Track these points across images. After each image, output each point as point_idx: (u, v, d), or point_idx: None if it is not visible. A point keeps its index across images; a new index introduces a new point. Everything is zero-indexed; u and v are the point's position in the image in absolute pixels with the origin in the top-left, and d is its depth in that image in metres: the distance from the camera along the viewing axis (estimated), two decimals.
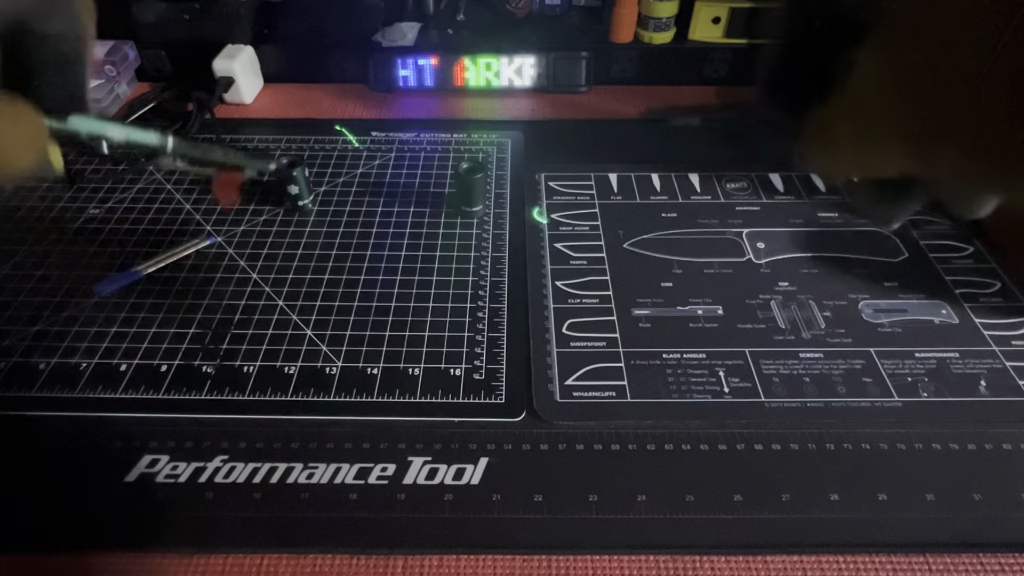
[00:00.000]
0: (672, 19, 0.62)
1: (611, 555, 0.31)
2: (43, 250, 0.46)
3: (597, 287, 0.43)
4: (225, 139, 0.57)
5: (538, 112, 0.62)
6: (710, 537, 0.31)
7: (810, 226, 0.48)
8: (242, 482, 0.33)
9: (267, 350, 0.39)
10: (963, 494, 0.33)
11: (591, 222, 0.49)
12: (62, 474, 0.33)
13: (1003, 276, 0.44)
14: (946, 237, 0.47)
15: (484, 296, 0.43)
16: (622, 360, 0.39)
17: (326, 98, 0.64)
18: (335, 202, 0.51)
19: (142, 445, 0.35)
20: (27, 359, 0.39)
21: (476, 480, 0.33)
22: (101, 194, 0.51)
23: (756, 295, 0.43)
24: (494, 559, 0.31)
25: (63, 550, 0.31)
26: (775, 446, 0.35)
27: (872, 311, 0.42)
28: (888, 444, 0.35)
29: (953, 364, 0.38)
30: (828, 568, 0.30)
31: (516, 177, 0.53)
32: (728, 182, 0.52)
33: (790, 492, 0.33)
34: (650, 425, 0.35)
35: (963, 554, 0.31)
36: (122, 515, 0.32)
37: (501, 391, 0.37)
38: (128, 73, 0.63)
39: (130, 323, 0.41)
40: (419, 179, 0.53)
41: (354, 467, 0.34)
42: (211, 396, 0.37)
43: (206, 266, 0.45)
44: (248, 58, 0.62)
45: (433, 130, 0.59)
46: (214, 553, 0.31)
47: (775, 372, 0.38)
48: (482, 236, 0.47)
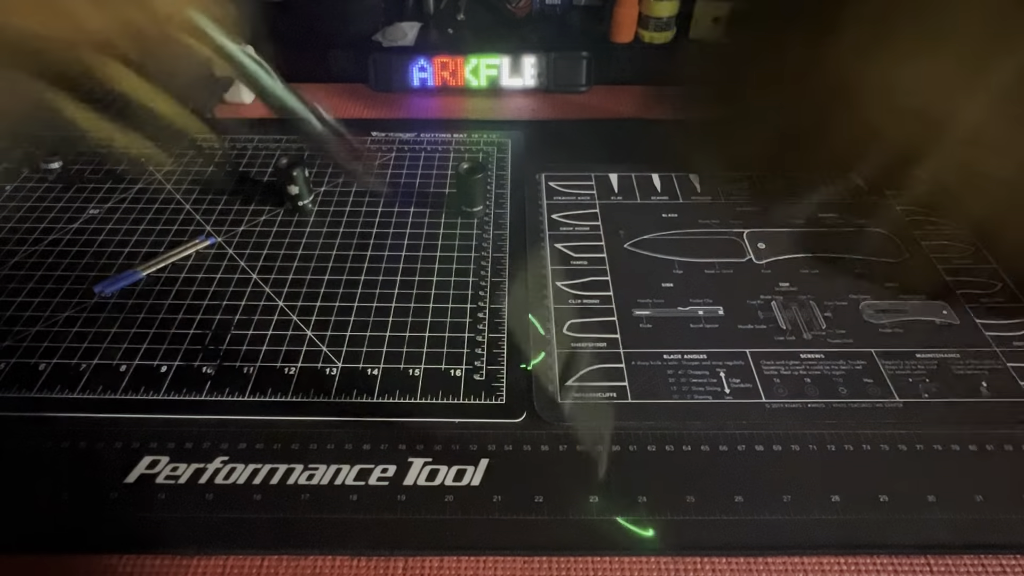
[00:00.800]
0: (672, 19, 0.62)
1: (612, 556, 0.31)
2: (42, 250, 0.46)
3: (598, 287, 0.43)
4: (225, 139, 0.57)
5: (538, 112, 0.62)
6: (711, 538, 0.31)
7: (811, 226, 0.48)
8: (242, 483, 0.33)
9: (267, 351, 0.39)
10: (965, 495, 0.32)
11: (591, 222, 0.49)
12: (62, 475, 0.33)
13: (1004, 276, 0.44)
14: (947, 237, 0.47)
15: (484, 296, 0.43)
16: (623, 361, 0.39)
17: (326, 98, 0.64)
18: (335, 202, 0.51)
19: (142, 446, 0.35)
20: (27, 359, 0.39)
21: (477, 481, 0.33)
22: (101, 194, 0.51)
23: (757, 295, 0.43)
24: (495, 560, 0.31)
25: (63, 551, 0.31)
26: (776, 447, 0.35)
27: (873, 311, 0.42)
28: (889, 445, 0.35)
29: (954, 365, 0.38)
30: (829, 569, 0.30)
31: (516, 177, 0.53)
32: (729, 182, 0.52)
33: (791, 493, 0.33)
34: (651, 426, 0.35)
35: (965, 555, 0.31)
36: (122, 516, 0.32)
37: (502, 392, 0.37)
38: None
39: (130, 323, 0.41)
40: (419, 179, 0.53)
41: (354, 468, 0.34)
42: (211, 397, 0.37)
43: (206, 266, 0.45)
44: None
45: (433, 130, 0.59)
46: (214, 554, 0.31)
47: (776, 373, 0.38)
48: (482, 236, 0.47)
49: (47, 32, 0.27)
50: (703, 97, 0.29)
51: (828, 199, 0.49)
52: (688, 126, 0.29)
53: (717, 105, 0.27)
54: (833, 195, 0.48)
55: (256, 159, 0.55)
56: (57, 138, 0.55)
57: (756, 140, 0.32)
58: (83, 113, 0.32)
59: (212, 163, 0.54)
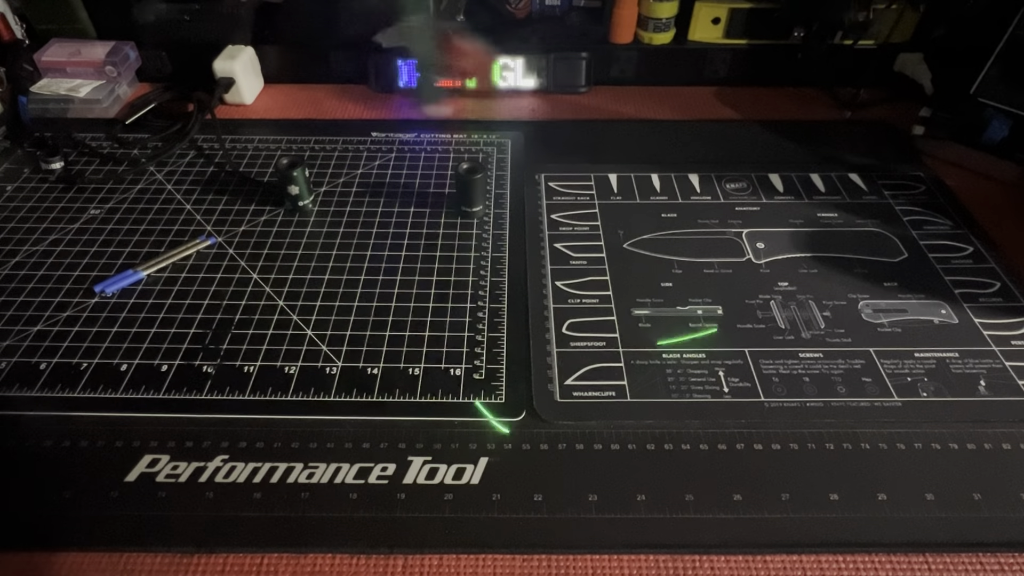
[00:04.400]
0: (672, 20, 0.62)
1: (611, 555, 0.31)
2: (43, 250, 0.46)
3: (597, 287, 0.43)
4: (225, 139, 0.57)
5: (538, 112, 0.62)
6: (710, 537, 0.31)
7: (810, 226, 0.48)
8: (242, 482, 0.33)
9: (267, 350, 0.39)
10: (963, 494, 0.33)
11: (591, 222, 0.49)
12: (63, 474, 0.33)
13: (1002, 276, 0.44)
14: (946, 237, 0.47)
15: (484, 296, 0.43)
16: (622, 360, 0.39)
17: (326, 98, 0.64)
18: (335, 202, 0.51)
19: (142, 445, 0.35)
20: (27, 359, 0.39)
21: (476, 480, 0.33)
22: (101, 194, 0.51)
23: (756, 295, 0.43)
24: (494, 558, 0.31)
25: (64, 549, 0.31)
26: (775, 446, 0.35)
27: (872, 311, 0.42)
28: (887, 444, 0.35)
29: (952, 364, 0.39)
30: (828, 568, 0.30)
31: (516, 177, 0.53)
32: (728, 182, 0.52)
33: (790, 492, 0.33)
34: (650, 425, 0.36)
35: (962, 553, 0.31)
36: (123, 514, 0.32)
37: (501, 391, 0.37)
38: (129, 74, 0.63)
39: (130, 323, 0.41)
40: (419, 179, 0.53)
41: (354, 467, 0.34)
42: (211, 396, 0.37)
43: (206, 266, 0.45)
44: (248, 59, 0.62)
45: (433, 130, 0.59)
46: (214, 552, 0.31)
47: (775, 372, 0.38)
48: (482, 236, 0.47)
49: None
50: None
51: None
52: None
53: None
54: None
55: (256, 159, 0.55)
56: (58, 138, 0.55)
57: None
58: None
59: (212, 163, 0.55)
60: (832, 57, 0.62)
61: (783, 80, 0.65)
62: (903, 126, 0.58)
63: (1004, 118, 0.51)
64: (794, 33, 0.62)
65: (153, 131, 0.58)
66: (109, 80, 0.61)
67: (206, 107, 0.58)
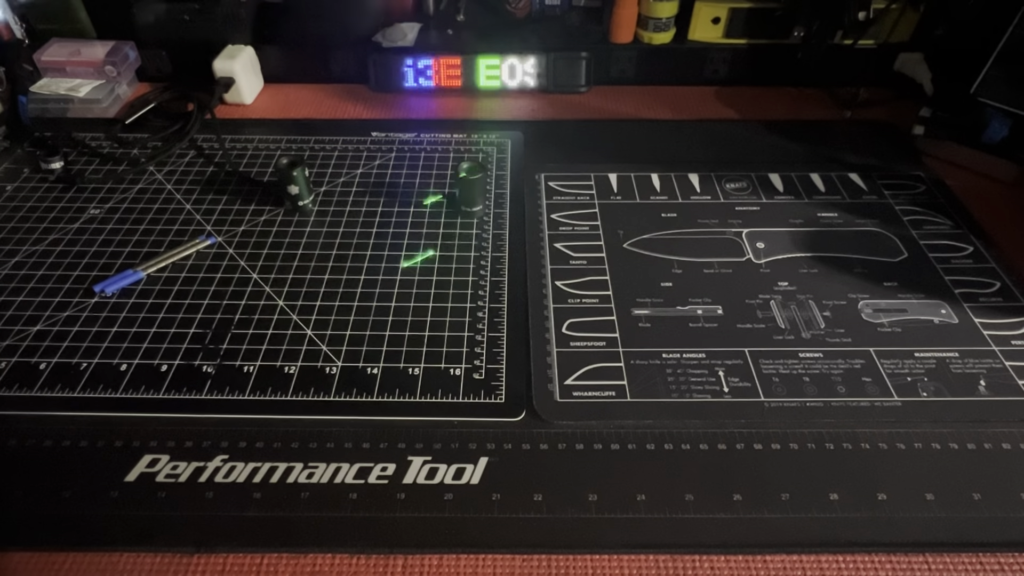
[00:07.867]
0: (672, 19, 0.62)
1: (611, 555, 0.31)
2: (43, 250, 0.46)
3: (597, 287, 0.43)
4: (225, 139, 0.57)
5: (538, 112, 0.62)
6: (710, 537, 0.31)
7: (810, 226, 0.48)
8: (242, 482, 0.33)
9: (267, 350, 0.39)
10: (962, 494, 0.33)
11: (591, 222, 0.49)
12: (62, 474, 0.33)
13: (1002, 276, 0.44)
14: (945, 237, 0.47)
15: (484, 296, 0.43)
16: (622, 360, 0.39)
17: (326, 98, 0.64)
18: (335, 202, 0.51)
19: (142, 445, 0.35)
20: (28, 358, 0.39)
21: (476, 480, 0.33)
22: (101, 194, 0.51)
23: (756, 295, 0.43)
24: (494, 558, 0.31)
25: (64, 549, 0.31)
26: (774, 446, 0.35)
27: (872, 311, 0.42)
28: (887, 444, 0.35)
29: (952, 364, 0.39)
30: (827, 568, 0.30)
31: (516, 177, 0.53)
32: (728, 182, 0.52)
33: (789, 492, 0.33)
34: (650, 425, 0.36)
35: (962, 553, 0.31)
36: (122, 514, 0.32)
37: (501, 391, 0.37)
38: (129, 73, 0.63)
39: (130, 323, 0.41)
40: (419, 179, 0.53)
41: (354, 467, 0.34)
42: (211, 396, 0.37)
43: (206, 266, 0.45)
44: (248, 58, 0.62)
45: (433, 130, 0.59)
46: (214, 552, 0.31)
47: (775, 372, 0.38)
48: (482, 236, 0.47)
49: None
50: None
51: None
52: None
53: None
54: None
55: (256, 159, 0.55)
56: (57, 138, 0.55)
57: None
58: None
59: (212, 163, 0.55)
60: (832, 57, 0.62)
61: (783, 80, 0.65)
62: (903, 126, 0.58)
63: (1004, 118, 0.51)
64: (794, 33, 0.62)
65: (153, 131, 0.58)
66: (109, 80, 0.61)
67: (206, 107, 0.58)
